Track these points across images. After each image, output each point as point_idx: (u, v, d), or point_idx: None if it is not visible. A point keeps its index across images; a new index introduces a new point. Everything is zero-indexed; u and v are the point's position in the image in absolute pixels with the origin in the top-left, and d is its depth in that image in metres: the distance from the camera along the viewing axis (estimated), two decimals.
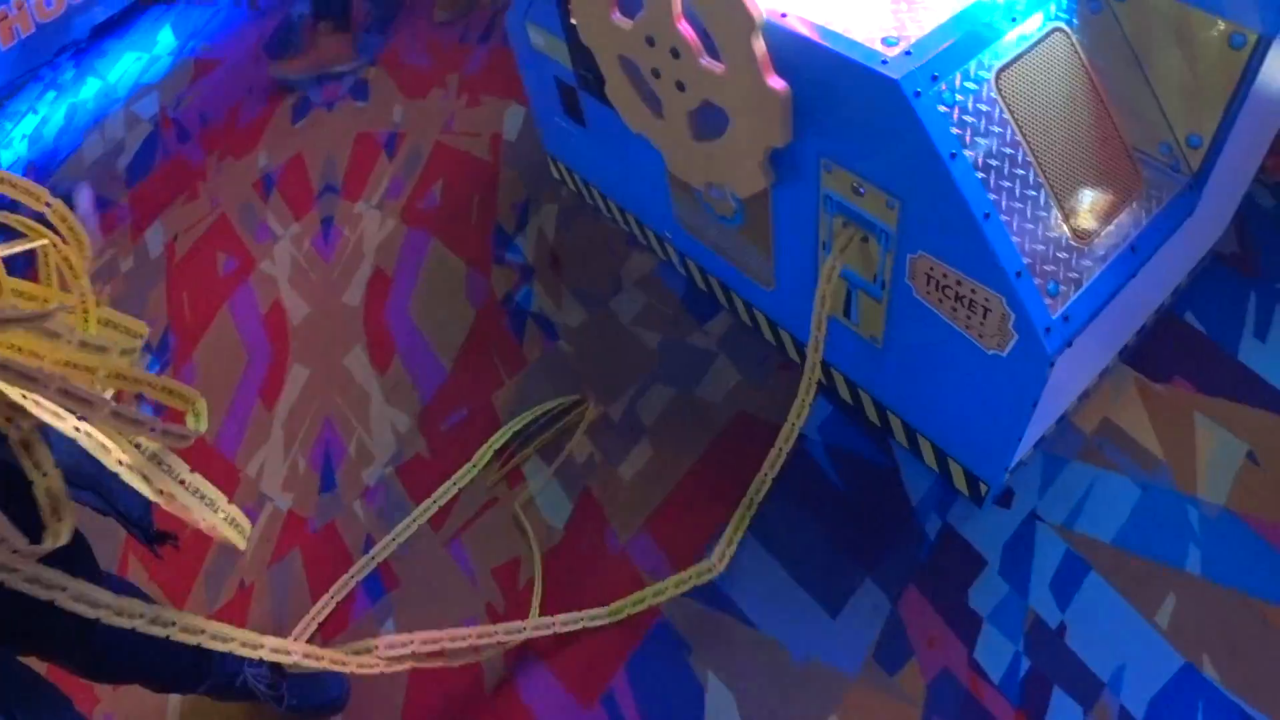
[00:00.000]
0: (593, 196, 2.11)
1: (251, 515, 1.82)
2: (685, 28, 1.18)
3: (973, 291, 1.11)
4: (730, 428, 1.68)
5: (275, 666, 1.46)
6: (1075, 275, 1.10)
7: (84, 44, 3.30)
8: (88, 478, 0.99)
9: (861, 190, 1.17)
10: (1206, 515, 1.39)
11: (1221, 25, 1.07)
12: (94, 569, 1.13)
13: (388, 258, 2.23)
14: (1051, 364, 1.09)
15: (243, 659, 1.44)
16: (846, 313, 1.41)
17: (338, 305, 2.16)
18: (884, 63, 1.01)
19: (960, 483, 1.46)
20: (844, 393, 1.62)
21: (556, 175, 2.23)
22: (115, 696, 1.62)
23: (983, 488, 1.41)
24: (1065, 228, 1.11)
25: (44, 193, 0.93)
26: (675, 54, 1.22)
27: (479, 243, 2.18)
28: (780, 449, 1.48)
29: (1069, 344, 1.09)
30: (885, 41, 1.04)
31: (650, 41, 1.26)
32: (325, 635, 1.61)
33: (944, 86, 1.01)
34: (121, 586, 1.20)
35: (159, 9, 3.43)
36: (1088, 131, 1.14)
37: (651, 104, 1.40)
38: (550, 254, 2.10)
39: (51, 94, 3.21)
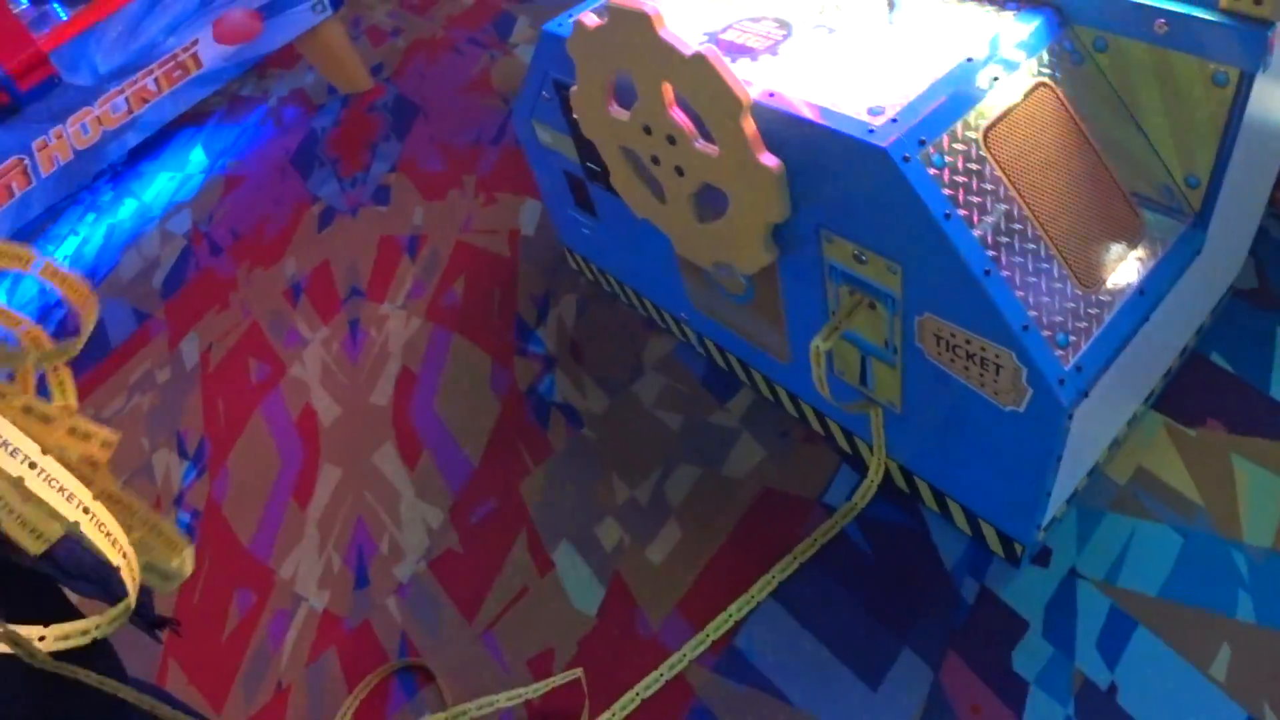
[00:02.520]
0: (609, 284, 2.14)
1: (287, 617, 1.83)
2: (679, 115, 1.22)
3: (982, 349, 1.11)
4: (757, 504, 1.67)
5: None
6: (1084, 324, 1.10)
7: (120, 167, 3.47)
8: (88, 567, 1.00)
9: (863, 258, 1.18)
10: (1253, 559, 1.35)
11: (1202, 65, 1.08)
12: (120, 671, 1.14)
13: (413, 356, 2.27)
14: (1069, 416, 1.08)
15: None
16: (863, 380, 1.41)
17: (366, 405, 2.20)
18: (870, 131, 1.03)
19: (994, 544, 1.43)
20: (869, 461, 1.61)
21: (574, 266, 2.27)
22: None
23: (1018, 548, 1.38)
24: (1070, 278, 1.11)
25: (28, 252, 0.94)
26: (671, 140, 1.26)
27: (501, 336, 2.21)
28: (826, 531, 1.47)
29: (1085, 394, 1.08)
30: (871, 111, 1.07)
31: (647, 130, 1.30)
32: None
33: (932, 150, 1.03)
34: (153, 692, 1.21)
35: (190, 130, 3.59)
36: (1083, 181, 1.15)
37: (655, 190, 1.44)
38: (571, 343, 2.13)
39: (91, 215, 3.35)
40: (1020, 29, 1.16)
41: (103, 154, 2.88)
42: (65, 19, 2.85)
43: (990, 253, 1.04)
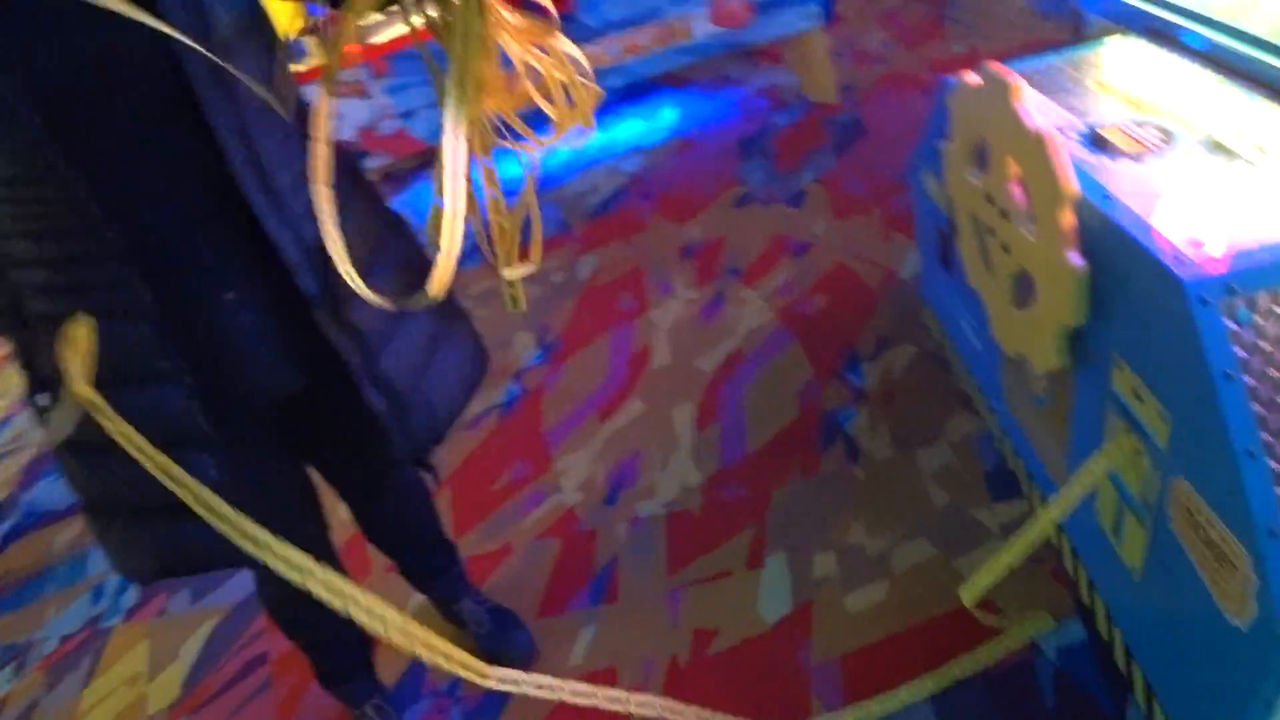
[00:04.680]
0: (948, 349, 2.12)
1: (541, 497, 2.11)
2: (1017, 191, 1.22)
3: (1222, 539, 0.99)
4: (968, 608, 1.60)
5: (494, 611, 1.71)
6: None
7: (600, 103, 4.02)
8: (405, 373, 1.20)
9: (1141, 396, 1.10)
10: None
11: None
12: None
13: (751, 342, 2.43)
14: None
15: (465, 589, 1.70)
16: (1116, 530, 1.30)
17: (691, 365, 2.40)
18: (1178, 261, 0.97)
19: None
20: (1103, 625, 1.46)
21: (924, 321, 2.27)
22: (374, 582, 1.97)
23: None
24: None
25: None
26: (1005, 215, 1.26)
27: (831, 358, 2.29)
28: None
29: None
30: (1191, 241, 0.99)
31: (990, 200, 1.30)
32: (545, 613, 1.82)
33: (1240, 303, 0.94)
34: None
35: (669, 90, 4.05)
36: None
37: (986, 262, 1.43)
38: (887, 388, 2.14)
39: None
40: None
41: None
42: None
43: (1264, 436, 0.93)
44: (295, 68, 1.28)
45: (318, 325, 1.07)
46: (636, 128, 3.86)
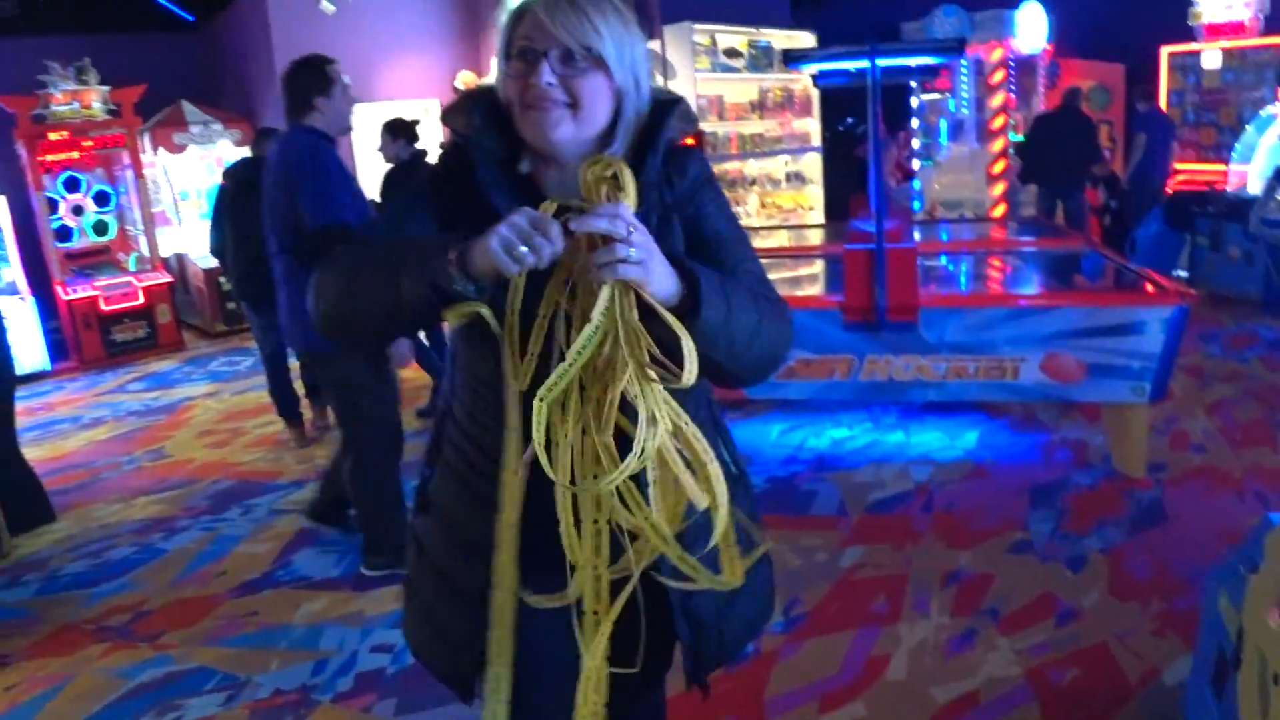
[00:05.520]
0: None
1: None
2: None
3: None
4: None
5: None
6: None
7: (910, 408, 4.25)
8: (711, 608, 1.33)
9: None
10: None
11: None
12: None
13: (990, 690, 2.41)
14: None
15: None
16: None
17: (925, 691, 2.42)
18: None
19: None
20: None
21: None
22: None
23: None
24: None
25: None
26: None
27: None
28: None
29: None
30: None
31: None
32: None
33: None
34: None
35: (977, 416, 4.19)
36: None
37: (1264, 708, 1.42)
38: None
39: (868, 424, 4.24)
40: None
41: (906, 392, 3.62)
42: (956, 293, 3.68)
43: None
44: None
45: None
46: (934, 439, 4.03)
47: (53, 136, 7.08)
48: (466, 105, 1.24)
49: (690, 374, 1.03)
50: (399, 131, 4.79)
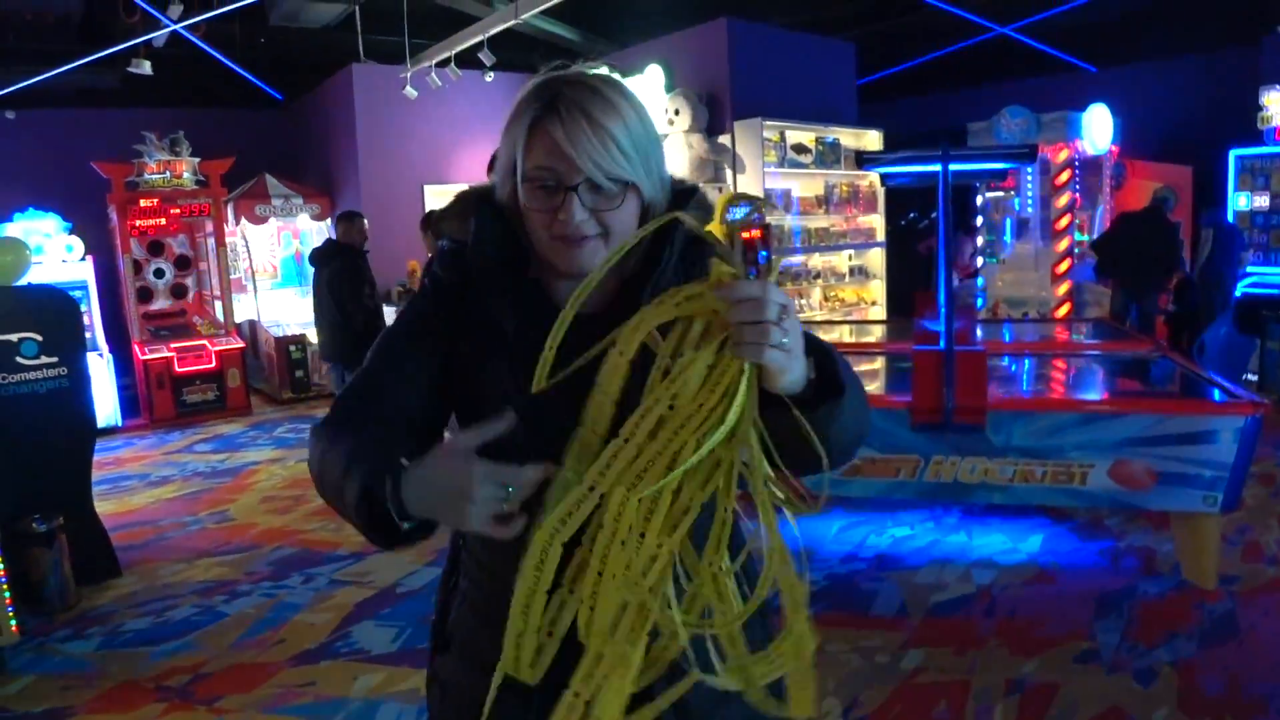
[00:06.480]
0: None
1: None
2: None
3: None
4: None
5: None
6: None
7: (974, 509, 4.19)
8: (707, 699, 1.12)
9: None
10: None
11: None
12: None
13: None
14: None
15: None
16: None
17: None
18: None
19: None
20: None
21: None
22: None
23: None
24: None
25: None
26: None
27: None
28: None
29: None
30: None
31: None
32: None
33: None
34: None
35: (1043, 521, 4.11)
36: None
37: None
38: None
39: (930, 524, 4.18)
40: None
41: (971, 494, 3.57)
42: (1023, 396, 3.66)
43: None
44: None
45: None
46: (998, 541, 3.96)
47: (143, 203, 7.48)
48: (462, 209, 1.18)
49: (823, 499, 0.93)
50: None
